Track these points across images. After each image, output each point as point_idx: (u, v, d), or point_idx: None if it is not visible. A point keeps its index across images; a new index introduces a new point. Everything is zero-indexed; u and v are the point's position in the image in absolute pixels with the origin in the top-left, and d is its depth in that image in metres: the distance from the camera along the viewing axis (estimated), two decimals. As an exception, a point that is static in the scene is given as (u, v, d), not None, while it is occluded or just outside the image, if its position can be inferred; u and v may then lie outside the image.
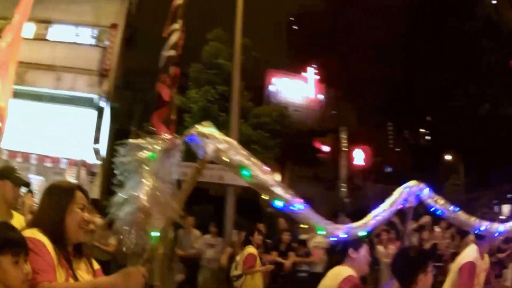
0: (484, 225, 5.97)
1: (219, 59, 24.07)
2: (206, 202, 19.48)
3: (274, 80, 48.53)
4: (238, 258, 10.67)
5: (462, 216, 5.89)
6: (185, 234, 13.56)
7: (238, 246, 13.56)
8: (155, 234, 3.24)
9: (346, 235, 4.53)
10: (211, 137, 3.33)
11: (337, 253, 5.34)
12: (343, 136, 20.81)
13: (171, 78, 11.11)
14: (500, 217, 29.38)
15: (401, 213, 6.09)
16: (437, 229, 14.49)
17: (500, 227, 6.10)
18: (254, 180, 3.51)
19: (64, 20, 17.76)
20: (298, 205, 3.86)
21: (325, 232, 4.25)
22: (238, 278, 10.39)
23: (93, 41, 17.82)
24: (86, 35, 17.83)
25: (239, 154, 3.42)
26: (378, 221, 5.02)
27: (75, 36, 17.70)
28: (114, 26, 17.40)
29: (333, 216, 16.35)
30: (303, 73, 53.67)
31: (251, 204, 22.13)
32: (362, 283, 5.51)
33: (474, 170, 42.10)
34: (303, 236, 14.30)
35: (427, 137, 52.38)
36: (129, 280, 2.91)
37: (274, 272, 13.09)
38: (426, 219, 15.38)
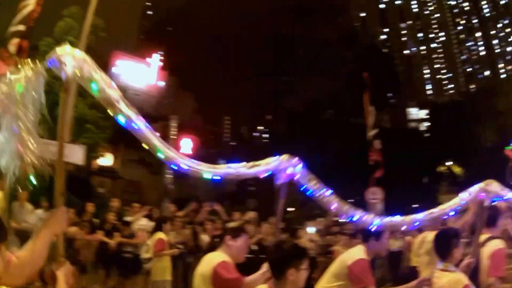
0: (358, 215, 5.92)
1: (69, 36, 24.21)
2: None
3: (118, 62, 48.43)
4: (149, 242, 12.21)
5: (334, 201, 5.74)
6: (19, 208, 13.83)
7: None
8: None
9: (187, 168, 4.50)
10: (67, 56, 3.51)
11: (215, 240, 5.43)
12: (173, 124, 21.63)
13: (11, 54, 11.44)
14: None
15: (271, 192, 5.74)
16: (265, 224, 15.08)
17: (376, 220, 6.05)
18: (101, 95, 3.70)
19: None
20: (140, 123, 4.00)
21: (164, 156, 4.29)
22: (148, 260, 12.06)
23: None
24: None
25: (91, 69, 3.61)
26: (229, 173, 4.88)
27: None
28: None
29: (158, 200, 17.37)
30: (148, 59, 53.96)
31: (83, 183, 22.66)
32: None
33: (310, 171, 44.32)
34: (128, 218, 14.96)
35: (265, 135, 54.09)
36: (59, 219, 3.25)
37: (99, 251, 13.95)
38: (251, 214, 16.47)
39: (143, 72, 52.01)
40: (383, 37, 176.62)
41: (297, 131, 42.99)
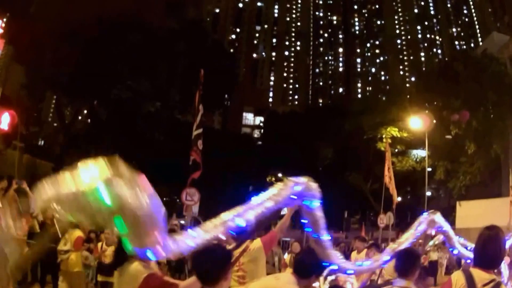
0: (338, 264, 5.58)
1: None
2: None
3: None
4: (67, 236, 13.91)
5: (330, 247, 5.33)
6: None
7: None
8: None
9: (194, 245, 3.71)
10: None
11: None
12: (-6, 96, 21.26)
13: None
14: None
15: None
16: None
17: (350, 270, 5.83)
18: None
19: None
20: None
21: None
22: (66, 252, 13.76)
23: None
24: None
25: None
26: (251, 219, 4.16)
27: None
28: None
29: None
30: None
31: None
32: None
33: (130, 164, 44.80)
34: None
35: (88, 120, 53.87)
36: None
37: None
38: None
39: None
40: (233, 36, 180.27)
41: (119, 120, 43.47)
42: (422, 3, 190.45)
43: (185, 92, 41.73)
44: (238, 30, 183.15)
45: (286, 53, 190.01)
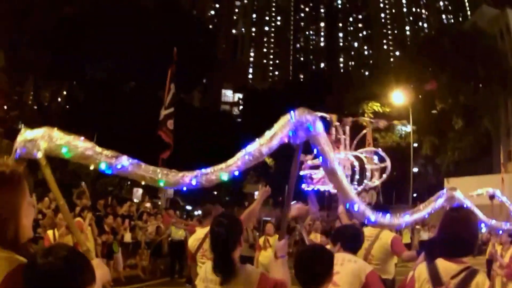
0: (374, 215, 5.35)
1: None
2: None
3: None
4: None
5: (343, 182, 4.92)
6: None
7: None
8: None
9: (196, 183, 3.98)
10: (34, 138, 3.61)
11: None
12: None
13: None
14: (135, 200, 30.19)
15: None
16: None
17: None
18: (74, 154, 3.72)
19: None
20: (124, 161, 3.86)
21: (167, 182, 3.95)
22: None
23: None
24: None
25: (57, 138, 3.65)
26: (249, 160, 4.08)
27: None
28: None
29: None
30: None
31: None
32: None
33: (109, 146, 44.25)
34: None
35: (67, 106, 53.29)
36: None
37: None
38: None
39: None
40: (212, 12, 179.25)
41: (96, 102, 42.88)
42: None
43: (164, 69, 41.25)
44: (217, 5, 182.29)
45: (267, 28, 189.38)
